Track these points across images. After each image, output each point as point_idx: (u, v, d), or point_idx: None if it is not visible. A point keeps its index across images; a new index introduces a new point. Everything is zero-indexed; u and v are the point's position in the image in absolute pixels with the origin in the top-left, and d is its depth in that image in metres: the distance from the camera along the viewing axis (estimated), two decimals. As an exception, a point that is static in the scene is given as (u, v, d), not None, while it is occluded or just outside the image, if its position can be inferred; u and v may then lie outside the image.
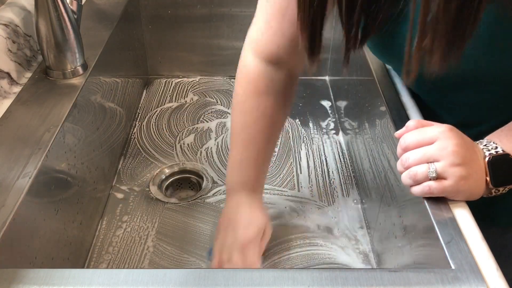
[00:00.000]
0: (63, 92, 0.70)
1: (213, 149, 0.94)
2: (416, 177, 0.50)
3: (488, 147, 0.51)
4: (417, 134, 0.51)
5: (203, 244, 0.75)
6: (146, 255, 0.73)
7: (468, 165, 0.49)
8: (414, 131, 0.52)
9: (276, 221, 0.79)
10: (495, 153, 0.50)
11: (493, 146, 0.51)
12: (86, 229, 0.73)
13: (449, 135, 0.49)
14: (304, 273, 0.45)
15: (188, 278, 0.44)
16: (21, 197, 0.53)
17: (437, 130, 0.50)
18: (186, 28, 1.11)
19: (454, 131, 0.50)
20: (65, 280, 0.44)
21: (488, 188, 0.51)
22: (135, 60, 1.06)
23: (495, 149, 0.51)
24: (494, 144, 0.51)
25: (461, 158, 0.49)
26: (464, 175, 0.49)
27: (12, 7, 0.74)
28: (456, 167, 0.49)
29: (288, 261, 0.72)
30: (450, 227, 0.49)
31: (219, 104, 1.07)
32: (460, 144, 0.49)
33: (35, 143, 0.60)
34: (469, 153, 0.50)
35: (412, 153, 0.51)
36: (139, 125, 1.00)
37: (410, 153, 0.51)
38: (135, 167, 0.89)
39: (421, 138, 0.51)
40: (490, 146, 0.51)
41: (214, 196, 0.83)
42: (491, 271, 0.45)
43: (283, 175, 0.88)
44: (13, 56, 0.71)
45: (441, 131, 0.50)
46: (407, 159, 0.51)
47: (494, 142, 0.51)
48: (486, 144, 0.52)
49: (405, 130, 0.52)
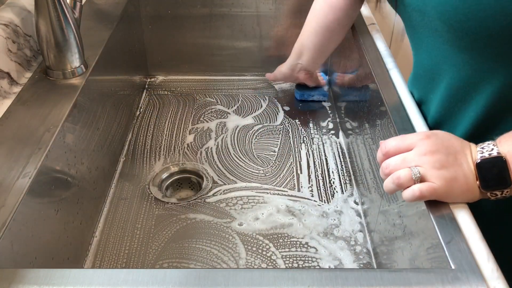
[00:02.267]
0: (63, 92, 0.70)
1: (213, 149, 0.94)
2: (400, 180, 0.50)
3: (483, 150, 0.50)
4: (397, 140, 0.52)
5: (203, 244, 0.75)
6: (146, 255, 0.73)
7: (451, 168, 0.49)
8: (395, 137, 0.53)
9: (276, 221, 0.79)
10: (487, 155, 0.49)
11: (489, 148, 0.49)
12: (86, 229, 0.73)
13: (425, 142, 0.51)
14: (304, 273, 0.45)
15: (188, 278, 0.44)
16: (21, 197, 0.53)
17: (416, 137, 0.51)
18: (186, 28, 1.11)
19: (433, 137, 0.51)
20: (65, 280, 0.44)
21: (482, 192, 0.50)
22: (135, 60, 1.06)
23: (490, 151, 0.49)
24: (492, 146, 0.49)
25: (439, 162, 0.49)
26: (449, 176, 0.49)
27: (12, 7, 0.74)
28: (439, 170, 0.49)
29: (288, 261, 0.72)
30: (450, 227, 0.49)
31: (219, 104, 1.07)
32: (437, 150, 0.50)
33: (35, 143, 0.60)
34: (451, 157, 0.50)
35: (392, 159, 0.52)
36: (139, 125, 1.00)
37: (390, 160, 0.52)
38: (135, 167, 0.89)
39: (401, 144, 0.52)
40: (486, 148, 0.50)
41: (214, 196, 0.83)
42: (491, 271, 0.45)
43: (283, 175, 0.88)
44: (13, 56, 0.71)
45: (419, 138, 0.51)
46: (387, 165, 0.52)
47: (493, 144, 0.50)
48: (484, 147, 0.50)
49: None
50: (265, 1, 1.08)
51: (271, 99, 1.09)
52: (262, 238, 0.76)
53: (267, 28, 1.11)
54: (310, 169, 0.90)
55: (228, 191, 0.84)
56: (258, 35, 1.12)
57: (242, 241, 0.75)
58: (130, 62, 1.03)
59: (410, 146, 0.51)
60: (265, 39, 1.13)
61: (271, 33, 1.12)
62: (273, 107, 1.06)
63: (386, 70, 0.76)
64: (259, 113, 1.04)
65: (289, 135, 0.98)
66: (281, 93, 1.11)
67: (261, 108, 1.06)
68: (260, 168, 0.90)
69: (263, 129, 1.00)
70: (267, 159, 0.92)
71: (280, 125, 1.01)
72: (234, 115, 1.03)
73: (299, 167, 0.90)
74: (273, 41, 1.13)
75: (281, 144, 0.96)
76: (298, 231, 0.77)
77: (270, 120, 1.02)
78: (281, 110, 1.05)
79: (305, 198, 0.83)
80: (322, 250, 0.74)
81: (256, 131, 0.99)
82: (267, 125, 1.01)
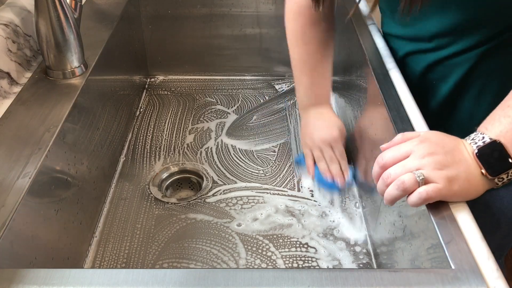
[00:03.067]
0: (63, 92, 0.70)
1: (213, 149, 0.94)
2: (405, 185, 0.50)
3: (475, 140, 0.51)
4: (393, 151, 0.53)
5: (203, 244, 0.75)
6: (146, 255, 0.73)
7: (452, 167, 0.50)
8: (390, 149, 0.53)
9: (276, 221, 0.79)
10: (482, 144, 0.50)
11: (480, 138, 0.51)
12: (86, 229, 0.73)
13: (421, 146, 0.51)
14: (304, 273, 0.45)
15: (188, 278, 0.44)
16: (21, 197, 0.53)
17: (410, 144, 0.52)
18: (186, 28, 1.11)
19: (427, 140, 0.52)
20: (65, 280, 0.44)
21: (489, 180, 0.50)
22: (135, 60, 1.06)
23: (482, 140, 0.51)
24: (481, 135, 0.51)
25: (439, 162, 0.50)
26: (451, 175, 0.49)
27: (12, 7, 0.74)
28: (440, 171, 0.49)
29: (288, 261, 0.72)
30: (450, 227, 0.49)
31: (219, 104, 1.07)
32: (434, 151, 0.51)
33: (35, 143, 0.60)
34: (450, 155, 0.51)
35: (392, 169, 0.52)
36: (139, 125, 1.00)
37: (390, 169, 0.52)
38: (135, 167, 0.89)
39: (397, 153, 0.52)
40: (477, 139, 0.51)
41: (214, 196, 0.83)
42: (491, 271, 0.45)
43: (283, 175, 0.88)
44: (13, 56, 0.71)
45: (413, 144, 0.52)
46: (388, 175, 0.52)
47: (481, 133, 0.51)
48: (473, 138, 0.52)
49: (390, 144, 0.54)
50: (265, 1, 1.08)
51: (271, 99, 1.09)
52: (262, 238, 0.76)
53: (267, 28, 1.11)
54: (310, 169, 0.90)
55: (228, 191, 0.84)
56: (258, 35, 1.12)
57: (242, 241, 0.75)
58: (130, 62, 1.03)
59: (406, 153, 0.52)
60: (265, 39, 1.13)
61: (271, 33, 1.12)
62: (273, 107, 1.06)
63: (386, 70, 0.76)
64: (259, 113, 1.04)
65: (289, 135, 0.98)
66: (281, 93, 1.11)
67: (261, 108, 1.06)
68: (260, 168, 0.90)
69: (263, 129, 1.00)
70: (267, 159, 0.92)
71: (280, 125, 1.01)
72: (234, 115, 1.03)
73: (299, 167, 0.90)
74: (273, 41, 1.13)
75: (281, 144, 0.96)
76: (298, 231, 0.77)
77: (270, 120, 1.02)
78: (281, 110, 1.05)
79: (305, 198, 0.83)
80: (322, 250, 0.74)
81: (256, 130, 0.99)
82: (267, 125, 1.01)
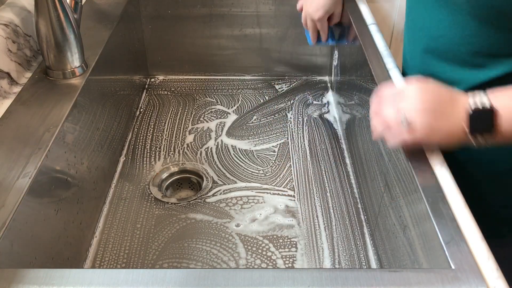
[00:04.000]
0: (63, 92, 0.70)
1: (213, 149, 0.94)
2: (388, 124, 0.55)
3: (475, 100, 0.52)
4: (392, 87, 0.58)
5: (203, 244, 0.75)
6: (146, 255, 0.73)
7: (439, 118, 0.53)
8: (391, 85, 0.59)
9: (276, 221, 0.79)
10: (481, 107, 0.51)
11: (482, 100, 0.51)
12: (86, 229, 0.73)
13: (418, 90, 0.54)
14: (304, 273, 0.45)
15: (188, 278, 0.44)
16: (21, 197, 0.53)
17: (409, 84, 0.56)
18: (186, 28, 1.11)
19: (424, 87, 0.54)
20: (65, 280, 0.44)
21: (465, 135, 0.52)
22: (135, 60, 1.06)
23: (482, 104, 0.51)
24: (486, 98, 0.51)
25: (428, 110, 0.53)
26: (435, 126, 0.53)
27: (12, 7, 0.74)
28: (426, 118, 0.53)
29: (288, 261, 0.72)
30: (450, 227, 0.49)
31: (219, 104, 1.07)
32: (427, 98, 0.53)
33: (35, 143, 0.60)
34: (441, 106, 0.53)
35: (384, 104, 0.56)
36: (139, 125, 1.00)
37: (383, 105, 0.56)
38: (135, 167, 0.89)
39: (395, 90, 0.57)
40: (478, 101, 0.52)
41: (214, 196, 0.83)
42: (491, 271, 0.45)
43: (283, 175, 0.88)
44: (13, 56, 0.71)
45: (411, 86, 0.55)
46: (379, 110, 0.57)
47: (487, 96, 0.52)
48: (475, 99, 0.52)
49: None
50: (265, 1, 1.08)
51: (271, 99, 1.09)
52: (262, 238, 0.76)
53: (267, 28, 1.11)
54: (310, 169, 0.90)
55: (228, 191, 0.84)
56: (258, 35, 1.12)
57: (242, 241, 0.75)
58: (130, 62, 1.03)
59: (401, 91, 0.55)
60: (265, 39, 1.13)
61: (271, 33, 1.12)
62: (273, 107, 1.06)
63: (386, 70, 0.76)
64: (259, 113, 1.04)
65: (289, 135, 0.98)
66: (281, 93, 1.11)
67: (261, 108, 1.06)
68: (260, 168, 0.90)
69: (263, 129, 1.00)
70: (267, 159, 0.92)
71: (280, 125, 1.01)
72: (234, 115, 1.03)
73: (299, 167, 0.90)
74: (273, 41, 1.13)
75: (281, 144, 0.96)
76: (298, 231, 0.77)
77: (270, 120, 1.02)
78: (281, 110, 1.05)
79: (304, 198, 0.83)
80: (321, 249, 0.74)
81: (256, 130, 0.99)
82: (267, 125, 1.01)
